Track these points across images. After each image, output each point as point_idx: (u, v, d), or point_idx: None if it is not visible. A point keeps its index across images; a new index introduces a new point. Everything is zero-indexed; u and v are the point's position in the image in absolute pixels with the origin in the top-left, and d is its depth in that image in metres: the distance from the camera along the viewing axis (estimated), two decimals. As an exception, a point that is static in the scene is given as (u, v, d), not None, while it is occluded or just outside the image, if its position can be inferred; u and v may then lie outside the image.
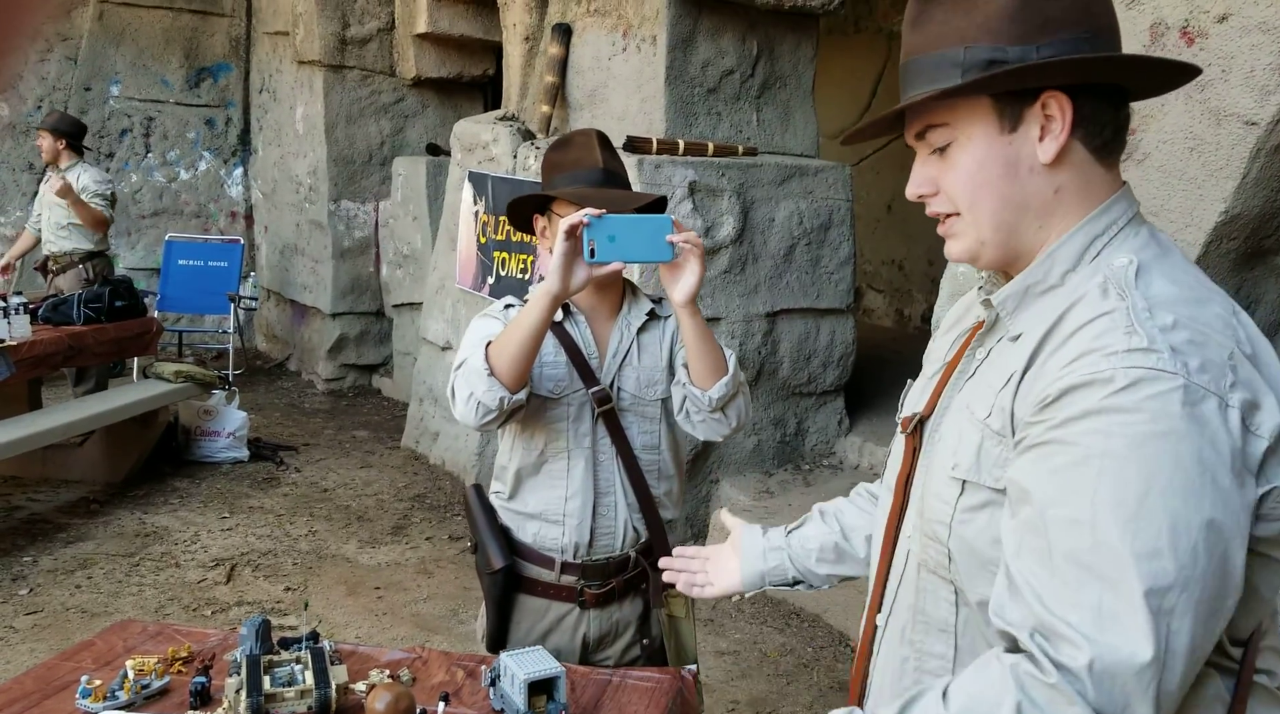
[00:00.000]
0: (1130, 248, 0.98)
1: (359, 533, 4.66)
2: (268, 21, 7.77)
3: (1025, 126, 1.00)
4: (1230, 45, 2.29)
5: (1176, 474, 0.85)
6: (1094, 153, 1.00)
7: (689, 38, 4.50)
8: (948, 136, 1.04)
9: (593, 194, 1.88)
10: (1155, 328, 0.88)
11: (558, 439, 1.95)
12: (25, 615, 3.72)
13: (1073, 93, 0.98)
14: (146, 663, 1.70)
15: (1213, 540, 0.84)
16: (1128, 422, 0.86)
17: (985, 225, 1.04)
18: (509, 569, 1.97)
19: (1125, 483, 0.86)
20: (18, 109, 7.49)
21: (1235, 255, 2.45)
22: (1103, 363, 0.88)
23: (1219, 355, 0.88)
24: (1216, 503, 0.85)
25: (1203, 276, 0.98)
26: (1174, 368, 0.86)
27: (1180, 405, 0.85)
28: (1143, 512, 0.85)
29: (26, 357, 4.54)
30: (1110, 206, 1.01)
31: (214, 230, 8.15)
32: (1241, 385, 0.88)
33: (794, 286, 4.57)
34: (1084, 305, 0.95)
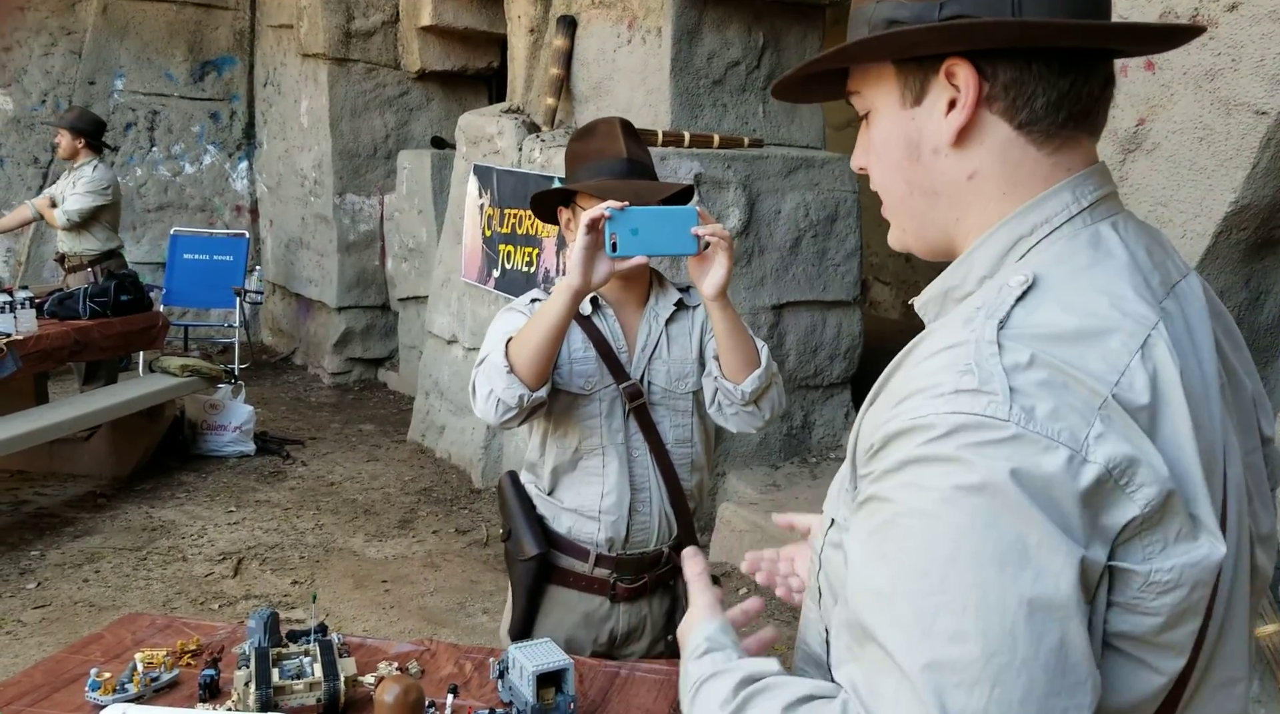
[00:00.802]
0: (1053, 254, 0.81)
1: (366, 526, 4.67)
2: (272, 14, 7.76)
3: (931, 99, 0.84)
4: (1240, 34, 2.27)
5: (990, 537, 0.68)
6: (1021, 130, 0.82)
7: (694, 29, 4.48)
8: (863, 105, 0.91)
9: (616, 186, 1.84)
10: (999, 366, 0.72)
11: (591, 436, 1.93)
12: (33, 609, 3.73)
13: (984, 58, 0.81)
14: (155, 656, 1.71)
15: (1040, 622, 0.67)
16: (941, 473, 0.71)
17: (898, 211, 0.92)
18: (542, 558, 1.95)
19: (930, 547, 0.70)
20: (22, 103, 7.49)
21: (1245, 245, 2.44)
22: (925, 407, 0.73)
23: (1085, 400, 0.71)
24: (1046, 575, 0.68)
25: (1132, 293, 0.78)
26: (1005, 414, 0.70)
27: (1006, 457, 0.69)
28: (947, 584, 0.69)
29: (32, 351, 4.55)
30: (1044, 201, 0.83)
31: (219, 224, 8.16)
32: (1113, 437, 0.71)
33: (800, 279, 4.56)
34: (941, 332, 0.80)
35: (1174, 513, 0.72)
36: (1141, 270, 0.81)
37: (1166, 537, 0.72)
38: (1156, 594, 0.73)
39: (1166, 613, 0.73)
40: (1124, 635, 0.74)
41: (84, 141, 5.67)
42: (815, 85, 0.97)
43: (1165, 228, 2.47)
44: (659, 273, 2.06)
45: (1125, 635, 0.74)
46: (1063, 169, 0.84)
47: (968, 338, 0.75)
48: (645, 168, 1.94)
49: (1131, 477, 0.71)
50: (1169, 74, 2.41)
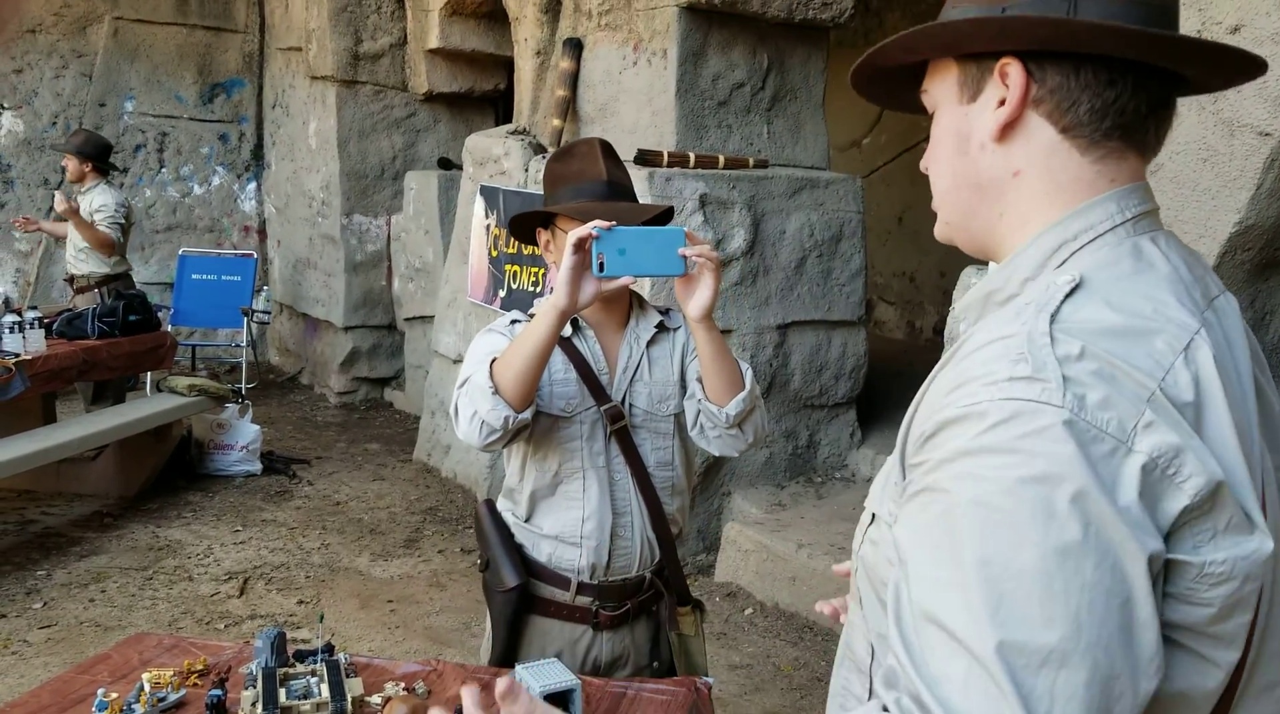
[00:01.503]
0: (1097, 260, 0.83)
1: (371, 546, 4.67)
2: (281, 37, 7.83)
3: (985, 97, 0.88)
4: (1243, 56, 2.29)
5: (1053, 526, 0.70)
6: (1066, 134, 0.85)
7: (699, 51, 4.51)
8: (930, 103, 0.95)
9: (597, 208, 1.83)
10: (1051, 356, 0.74)
11: (572, 459, 1.90)
12: (40, 629, 3.73)
13: (1034, 59, 0.84)
14: (162, 676, 1.71)
15: (1105, 605, 0.70)
16: (1000, 464, 0.72)
17: (944, 203, 0.95)
18: (523, 588, 1.91)
19: (993, 537, 0.72)
20: (33, 125, 7.55)
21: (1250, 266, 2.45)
22: (981, 394, 0.75)
23: (1133, 392, 0.73)
24: (1105, 562, 0.70)
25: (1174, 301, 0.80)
26: (1059, 401, 0.72)
27: (1062, 444, 0.71)
28: (1011, 571, 0.71)
29: (41, 371, 4.57)
30: (1090, 208, 0.85)
31: (227, 245, 8.20)
32: (1160, 428, 0.72)
33: (805, 299, 4.57)
34: (990, 324, 0.82)
35: (1224, 504, 0.74)
36: (1183, 282, 0.83)
37: (1217, 527, 0.74)
38: (1210, 585, 0.74)
39: (1219, 604, 0.74)
40: (1177, 626, 0.75)
41: (91, 165, 5.72)
42: (898, 90, 1.01)
43: (1170, 248, 2.47)
44: (639, 295, 2.05)
45: (1178, 626, 0.75)
46: (1106, 179, 0.86)
47: (1019, 330, 0.77)
48: (625, 189, 1.93)
49: (1179, 467, 0.72)
50: (1172, 95, 2.43)
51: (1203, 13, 2.36)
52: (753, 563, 4.16)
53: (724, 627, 3.88)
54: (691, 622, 2.05)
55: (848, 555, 1.39)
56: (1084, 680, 0.69)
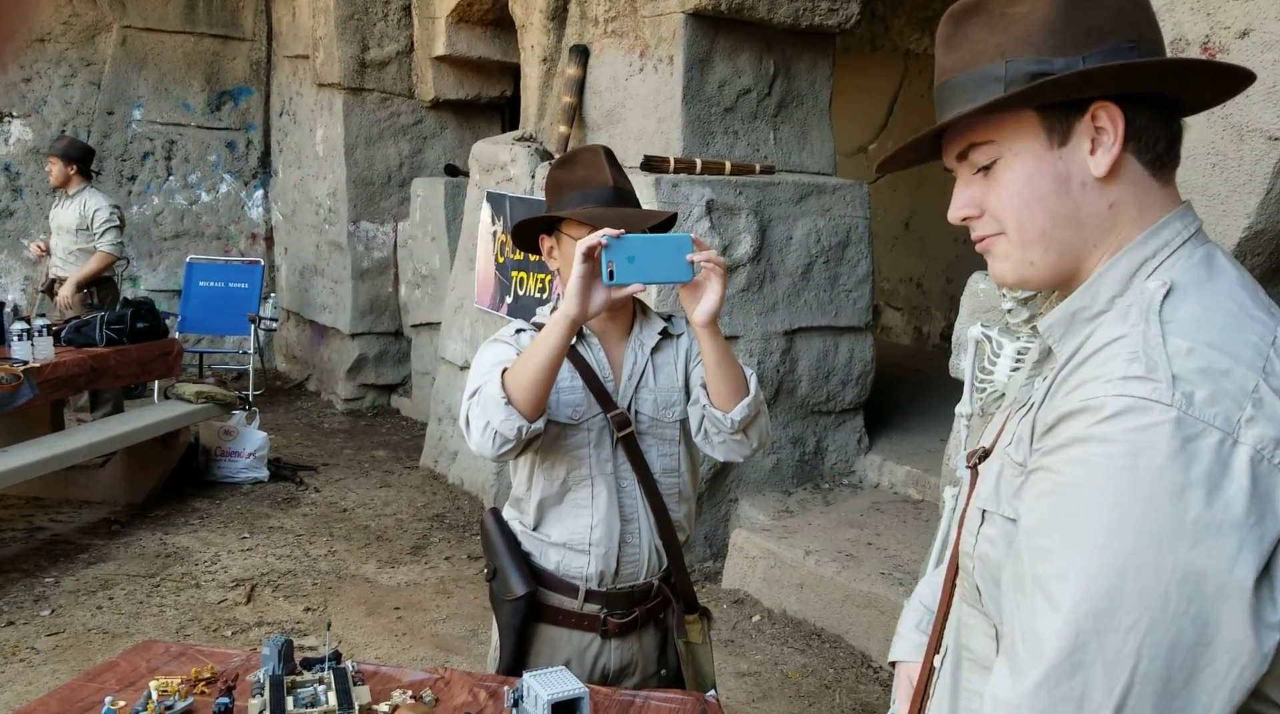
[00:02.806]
0: (1177, 271, 0.92)
1: (378, 553, 4.67)
2: (288, 45, 7.86)
3: (1075, 140, 0.95)
4: (1252, 61, 2.28)
5: (1149, 513, 0.79)
6: (1148, 166, 0.95)
7: (706, 58, 4.52)
8: (992, 154, 1.00)
9: (606, 213, 1.83)
10: (1162, 354, 0.83)
11: (580, 467, 1.90)
12: (47, 636, 3.74)
13: (1123, 103, 0.93)
14: (170, 684, 1.71)
15: (1187, 589, 0.77)
16: (1107, 452, 0.81)
17: (1035, 245, 0.99)
18: (530, 597, 1.91)
19: (1094, 517, 0.81)
20: (41, 133, 7.59)
21: (1260, 271, 2.43)
22: (1098, 389, 0.84)
23: (1238, 386, 0.81)
24: (1198, 549, 0.77)
25: (1250, 302, 0.90)
26: (1169, 399, 0.80)
27: (1167, 439, 0.79)
28: (1107, 550, 0.80)
29: (49, 378, 4.58)
30: (1164, 226, 0.95)
31: (234, 252, 8.22)
32: (1264, 420, 0.80)
33: (812, 305, 4.57)
34: (1102, 331, 0.90)
35: None
36: (1249, 287, 0.93)
37: None
38: None
39: None
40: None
41: (75, 168, 5.77)
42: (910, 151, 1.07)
43: (1179, 253, 2.47)
44: (642, 302, 2.05)
45: None
46: (1171, 200, 0.97)
47: (1131, 331, 0.87)
48: (630, 195, 1.94)
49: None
50: (1180, 100, 2.42)
51: (1210, 17, 2.35)
52: (760, 570, 4.15)
53: (731, 634, 3.87)
54: (699, 630, 2.04)
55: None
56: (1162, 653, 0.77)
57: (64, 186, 5.85)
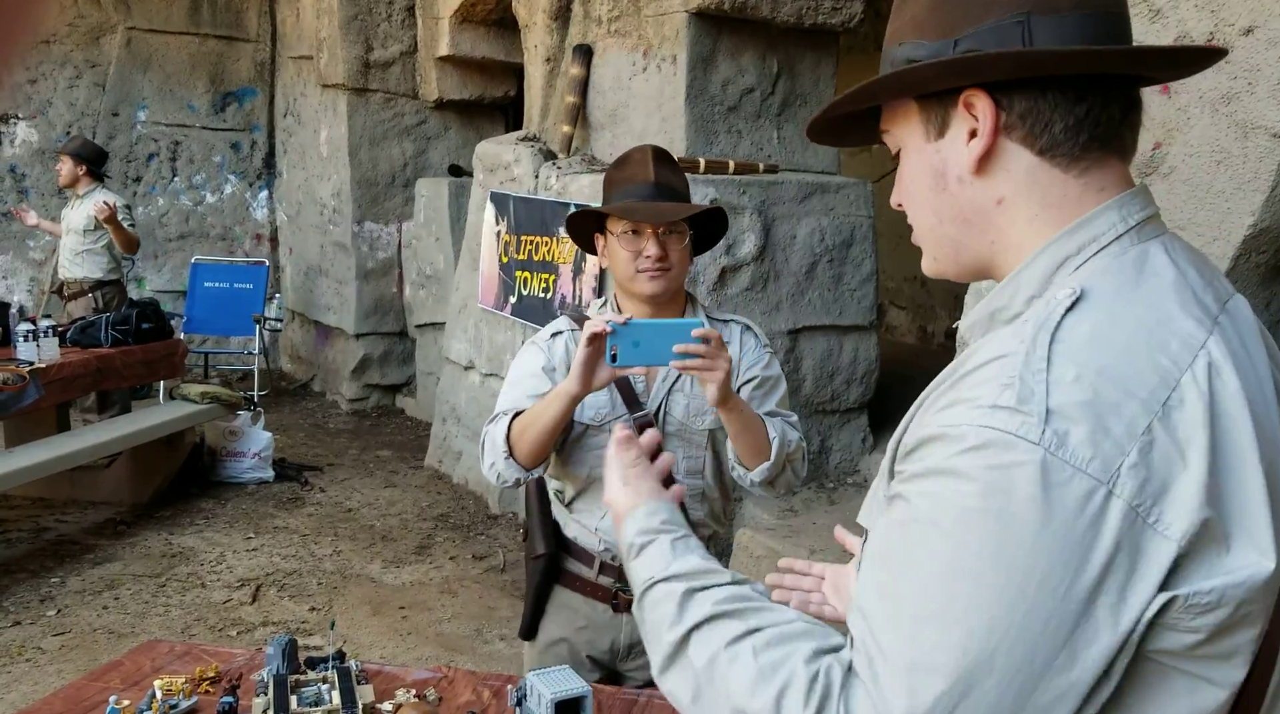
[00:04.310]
0: (1100, 271, 0.81)
1: (383, 553, 4.67)
2: (292, 46, 7.87)
3: (953, 131, 0.86)
4: (1257, 57, 2.27)
5: (996, 567, 0.70)
6: (1043, 156, 0.84)
7: (709, 57, 4.51)
8: (893, 143, 0.94)
9: (639, 207, 1.91)
10: (1042, 383, 0.72)
11: (600, 465, 1.94)
12: (53, 636, 3.75)
13: (999, 89, 0.83)
14: (174, 683, 1.71)
15: (1019, 654, 0.69)
16: (960, 491, 0.72)
17: (928, 241, 0.93)
18: (551, 558, 2.02)
19: (934, 562, 0.72)
20: (47, 135, 7.61)
21: (1265, 269, 2.43)
22: (963, 416, 0.74)
23: (1127, 425, 0.70)
24: (1037, 611, 0.69)
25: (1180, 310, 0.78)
26: (1035, 436, 0.70)
27: (1028, 483, 0.69)
28: (943, 605, 0.71)
29: (55, 379, 4.59)
30: (1091, 220, 0.83)
31: (239, 253, 8.24)
32: (1146, 468, 0.69)
33: (816, 304, 4.56)
34: (992, 342, 0.80)
35: (1212, 539, 0.71)
36: (1192, 287, 0.80)
37: (1205, 561, 0.71)
38: (1196, 615, 0.72)
39: (1208, 630, 0.72)
40: (1165, 652, 0.73)
41: (84, 168, 5.76)
42: (852, 129, 1.01)
43: (1183, 251, 2.46)
44: (694, 299, 2.08)
45: (1166, 651, 0.73)
46: (1094, 190, 0.84)
47: (1016, 349, 0.75)
48: (673, 190, 1.97)
49: (1160, 514, 0.70)
50: (1185, 98, 2.41)
51: (1215, 14, 2.34)
52: (764, 569, 4.14)
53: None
54: None
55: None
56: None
57: (73, 186, 5.85)
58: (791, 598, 1.38)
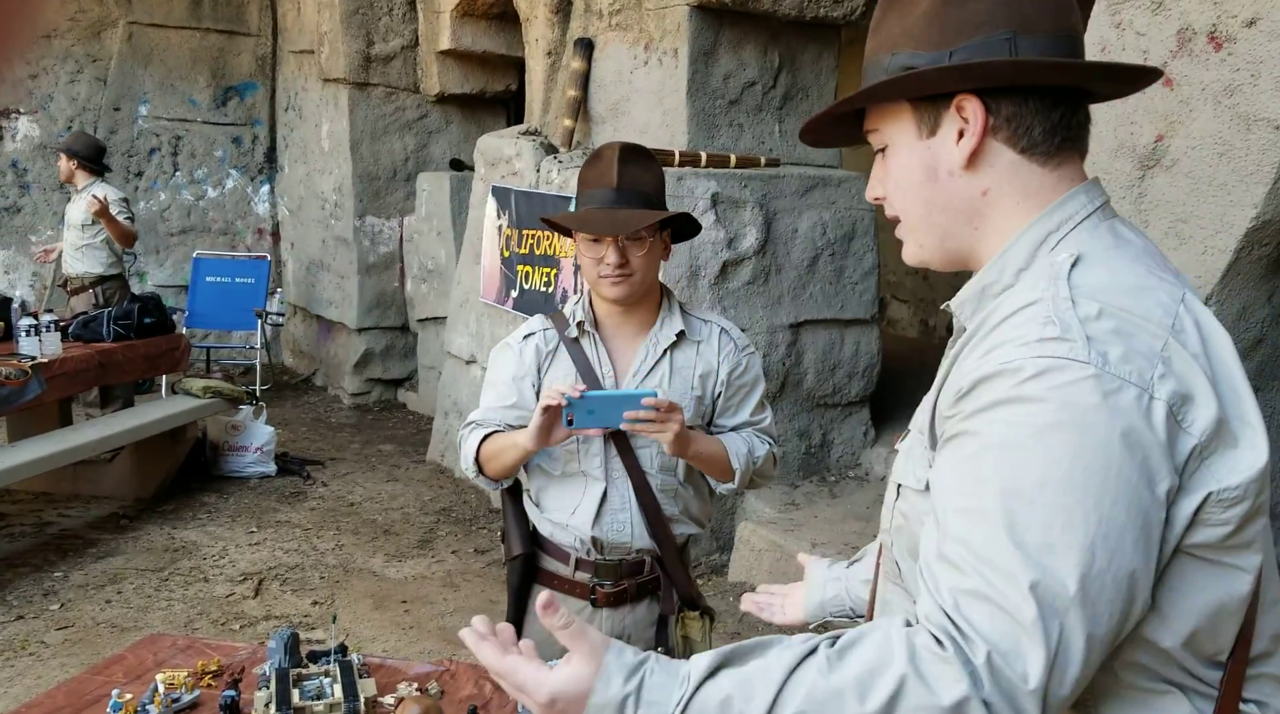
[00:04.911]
0: (1082, 241, 0.95)
1: (385, 547, 4.68)
2: (293, 40, 7.86)
3: (944, 130, 0.99)
4: (1259, 50, 2.26)
5: (1076, 466, 0.81)
6: (1025, 153, 0.97)
7: (710, 50, 4.51)
8: (881, 141, 1.05)
9: (594, 218, 1.91)
10: (1075, 317, 0.85)
11: (570, 461, 2.00)
12: (56, 630, 3.75)
13: (989, 94, 0.96)
14: (176, 677, 1.71)
15: (1112, 538, 0.80)
16: (1032, 411, 0.83)
17: (918, 229, 1.04)
18: (528, 558, 2.05)
19: (1023, 474, 0.82)
20: (48, 130, 7.60)
21: (1267, 261, 2.42)
22: (1014, 353, 0.85)
23: (1148, 345, 0.84)
24: (1120, 499, 0.80)
25: (1155, 266, 0.93)
26: (1086, 357, 0.82)
27: (1089, 395, 0.81)
28: (1038, 504, 0.81)
29: (57, 374, 4.59)
30: (1066, 202, 0.97)
31: (241, 247, 8.23)
32: (1173, 377, 0.83)
33: (818, 297, 4.56)
34: (1010, 298, 0.92)
35: (1227, 436, 0.84)
36: (1155, 254, 0.96)
37: (1224, 457, 0.84)
38: (1225, 508, 0.84)
39: (1236, 521, 0.84)
40: (1203, 545, 0.85)
41: (77, 163, 5.75)
42: (837, 128, 1.12)
43: (1186, 244, 2.45)
44: (670, 292, 2.07)
45: (1205, 545, 0.85)
46: (1066, 181, 0.98)
47: (1041, 295, 0.88)
48: (639, 193, 1.94)
49: (1186, 412, 0.83)
50: (1187, 90, 2.40)
51: (1218, 6, 2.33)
52: (766, 562, 4.14)
53: (737, 626, 3.87)
54: (699, 627, 2.05)
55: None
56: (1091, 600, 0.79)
57: (71, 181, 5.86)
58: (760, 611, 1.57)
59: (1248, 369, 2.63)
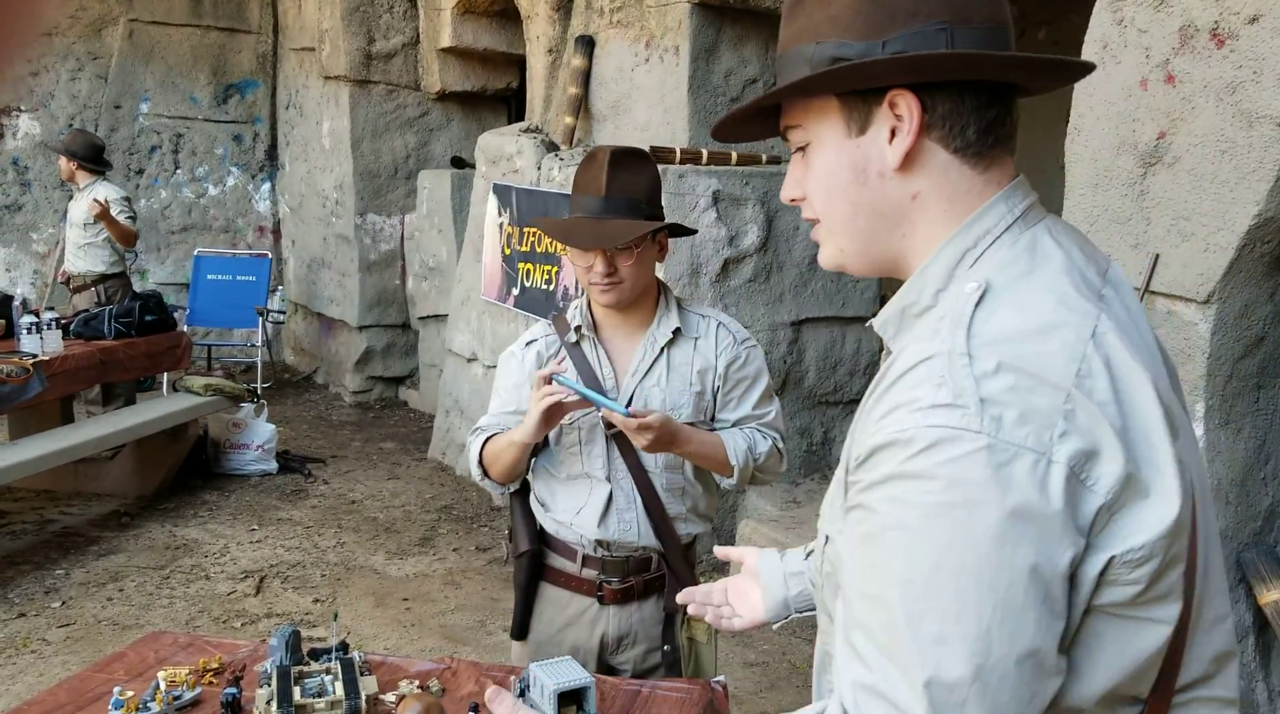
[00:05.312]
0: (998, 262, 0.88)
1: (386, 544, 4.68)
2: (294, 38, 7.86)
3: (875, 128, 0.91)
4: (1261, 47, 2.26)
5: (968, 551, 0.76)
6: (957, 154, 0.90)
7: (711, 48, 4.50)
8: (803, 138, 0.97)
9: (578, 230, 1.92)
10: (970, 376, 0.78)
11: (574, 463, 2.01)
12: (58, 628, 3.76)
13: (925, 90, 0.88)
14: (178, 674, 1.71)
15: (1010, 622, 0.75)
16: (922, 490, 0.78)
17: (841, 233, 0.97)
18: (535, 555, 2.05)
19: (917, 559, 0.78)
20: (49, 128, 7.60)
21: (1269, 259, 2.42)
22: (907, 421, 0.80)
23: (1049, 401, 0.78)
24: (1016, 580, 0.75)
25: (1072, 288, 0.85)
26: (978, 426, 0.76)
27: (979, 470, 0.76)
28: (931, 592, 0.77)
29: (59, 371, 4.59)
30: (984, 214, 0.90)
31: (242, 245, 8.23)
32: (1075, 434, 0.77)
33: (819, 295, 4.56)
34: (915, 344, 0.85)
35: (1137, 488, 0.79)
36: (1078, 267, 0.89)
37: (1134, 511, 0.79)
38: (1132, 568, 0.79)
39: (1146, 580, 0.80)
40: (1114, 604, 0.80)
41: (77, 164, 5.75)
42: (751, 124, 1.04)
43: (1188, 242, 2.45)
44: (668, 289, 2.07)
45: (1115, 604, 0.80)
46: (993, 185, 0.92)
47: (940, 349, 0.82)
48: (627, 202, 1.92)
49: (1090, 470, 0.77)
50: (1189, 87, 2.40)
51: (1220, 3, 2.33)
52: (768, 560, 4.14)
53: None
54: (704, 629, 2.06)
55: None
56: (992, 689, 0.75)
57: (72, 180, 5.86)
58: (706, 613, 1.47)
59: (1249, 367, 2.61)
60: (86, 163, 5.78)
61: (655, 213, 1.96)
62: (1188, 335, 2.47)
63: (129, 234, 5.76)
